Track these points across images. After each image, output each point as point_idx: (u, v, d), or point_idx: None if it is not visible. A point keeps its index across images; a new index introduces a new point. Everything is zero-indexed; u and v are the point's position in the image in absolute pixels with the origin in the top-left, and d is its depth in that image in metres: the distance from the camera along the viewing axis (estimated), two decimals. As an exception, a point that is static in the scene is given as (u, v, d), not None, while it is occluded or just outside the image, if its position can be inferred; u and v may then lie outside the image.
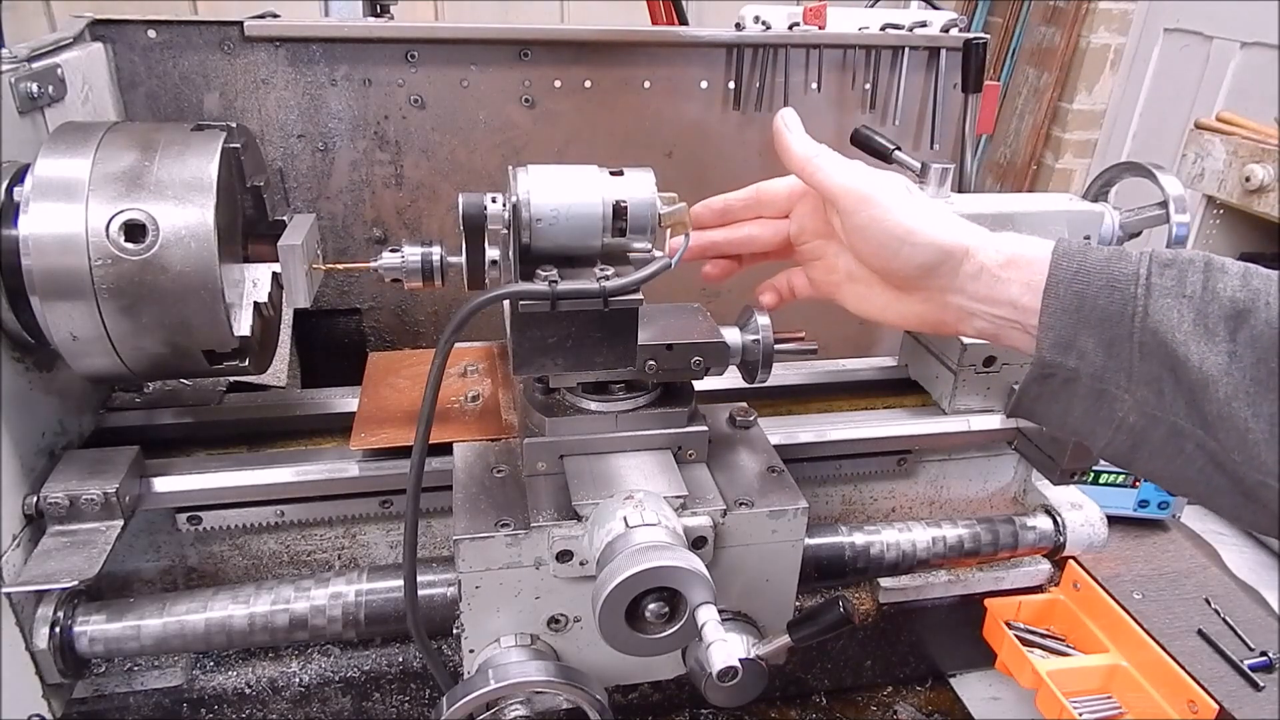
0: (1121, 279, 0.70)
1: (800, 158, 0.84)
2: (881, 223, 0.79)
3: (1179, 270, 0.69)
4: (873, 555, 1.17)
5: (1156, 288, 0.69)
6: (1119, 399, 0.71)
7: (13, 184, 0.88)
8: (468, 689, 0.85)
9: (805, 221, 0.92)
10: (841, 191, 0.81)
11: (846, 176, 0.81)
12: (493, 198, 0.87)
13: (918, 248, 0.78)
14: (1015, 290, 0.75)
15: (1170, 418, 0.69)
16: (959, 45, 1.75)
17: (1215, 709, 1.07)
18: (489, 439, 1.04)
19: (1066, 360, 0.72)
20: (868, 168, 0.82)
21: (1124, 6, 4.35)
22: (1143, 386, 0.69)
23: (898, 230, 0.78)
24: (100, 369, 0.91)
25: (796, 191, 0.92)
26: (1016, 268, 0.75)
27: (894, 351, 1.36)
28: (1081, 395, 0.73)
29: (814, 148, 0.84)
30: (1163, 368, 0.68)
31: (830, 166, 0.82)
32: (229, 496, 1.04)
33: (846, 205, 0.81)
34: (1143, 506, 1.44)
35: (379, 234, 1.62)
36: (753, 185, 0.95)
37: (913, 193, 0.81)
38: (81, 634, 0.97)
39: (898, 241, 0.79)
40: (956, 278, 0.78)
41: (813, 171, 0.83)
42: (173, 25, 1.40)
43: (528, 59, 1.55)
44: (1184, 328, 0.67)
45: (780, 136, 0.86)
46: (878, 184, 0.80)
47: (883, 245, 0.80)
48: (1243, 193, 2.25)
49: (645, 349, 0.92)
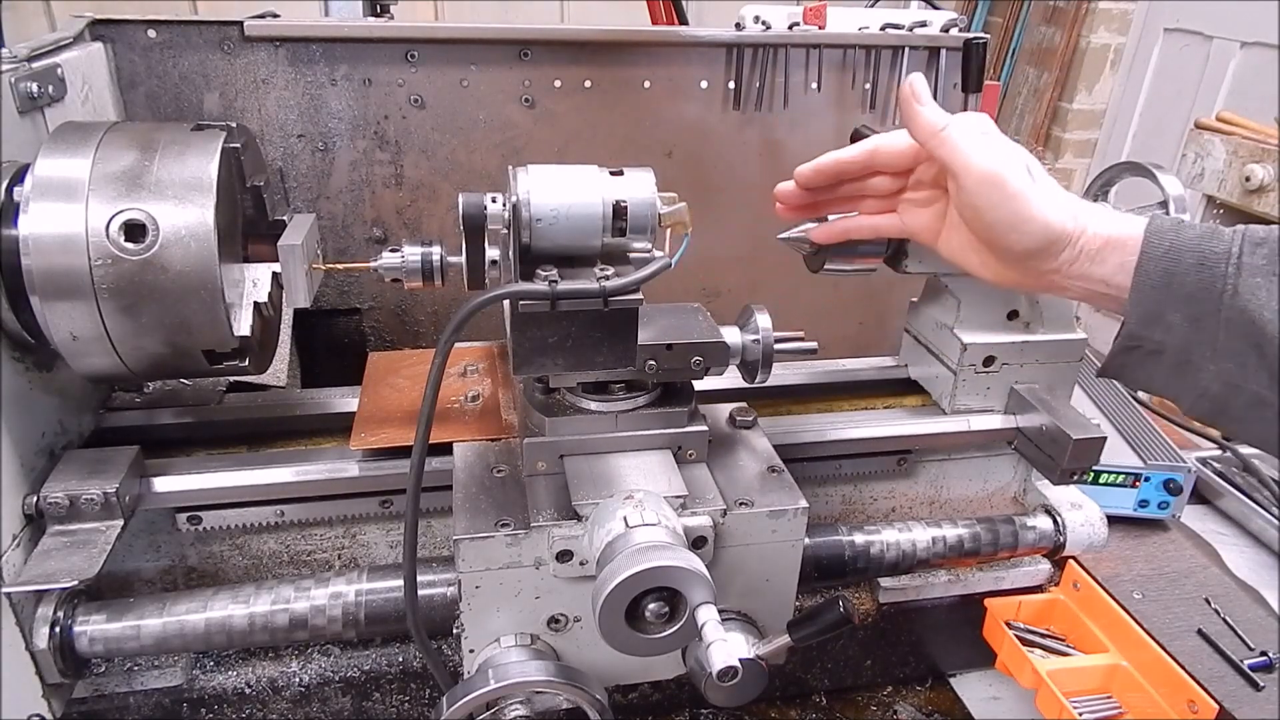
0: (1212, 257, 0.72)
1: (928, 128, 0.83)
2: (999, 208, 0.79)
3: (1270, 249, 0.71)
4: (873, 555, 1.17)
5: (1247, 266, 0.71)
6: (1203, 369, 0.73)
7: (13, 184, 0.88)
8: (468, 689, 0.85)
9: (924, 175, 0.91)
10: (966, 170, 0.80)
11: (974, 155, 0.80)
12: (493, 198, 0.87)
13: (1028, 235, 0.79)
14: (1109, 269, 0.77)
15: (1253, 388, 0.71)
16: (959, 45, 1.74)
17: (1215, 709, 1.07)
18: (489, 439, 1.04)
19: (1153, 333, 0.75)
20: (996, 143, 0.81)
21: (1124, 6, 4.35)
22: (1226, 359, 0.72)
23: (1012, 217, 0.79)
24: (100, 369, 0.91)
25: (922, 152, 0.89)
26: (1113, 249, 0.77)
27: (894, 351, 1.36)
28: (1166, 365, 0.76)
29: (942, 119, 0.83)
30: (1247, 342, 0.70)
31: (958, 141, 0.81)
32: (229, 496, 1.04)
33: (968, 184, 0.81)
34: (1143, 506, 1.44)
35: (379, 234, 1.62)
36: (868, 141, 0.93)
37: (1034, 174, 0.81)
38: (81, 634, 0.97)
39: (1009, 227, 0.79)
40: (1056, 260, 0.80)
41: (939, 144, 0.82)
42: (173, 25, 1.40)
43: (528, 59, 1.55)
44: (1272, 305, 0.69)
45: (907, 104, 0.84)
46: (1003, 166, 0.79)
47: (994, 226, 0.81)
48: (1243, 192, 2.25)
49: (645, 349, 0.92)
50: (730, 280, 1.78)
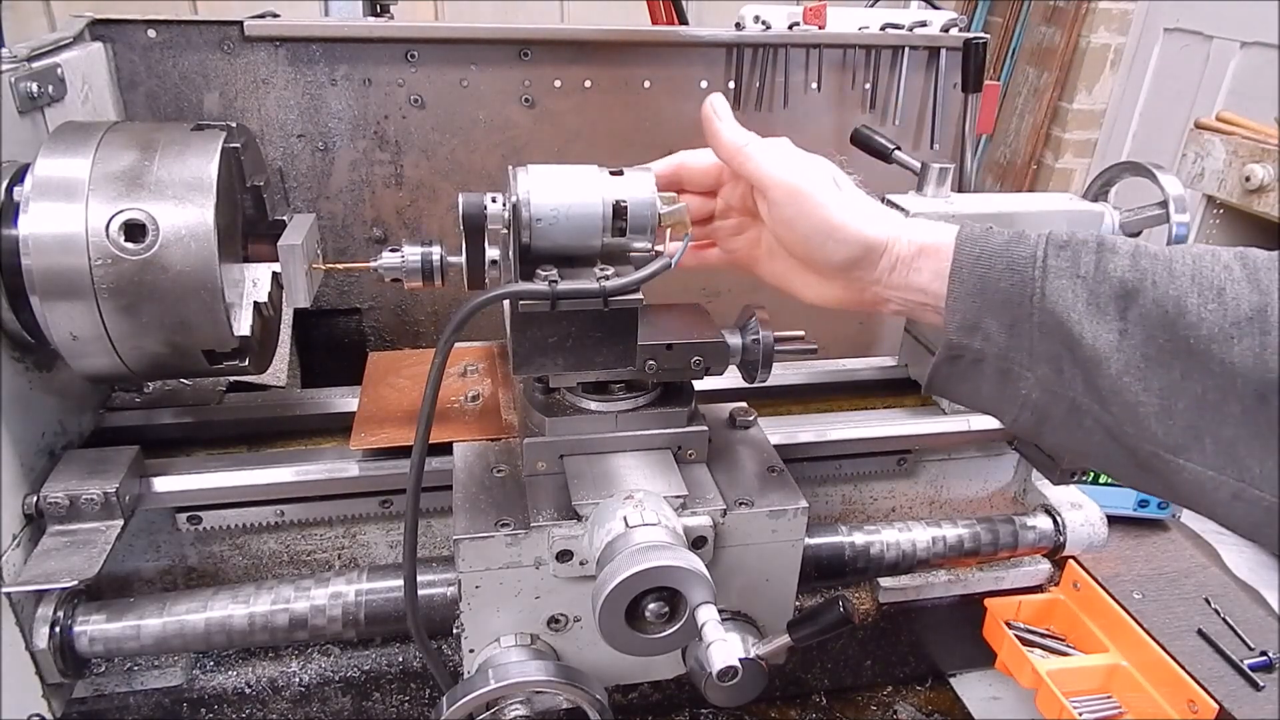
0: (1020, 261, 0.72)
1: (730, 146, 0.83)
2: (809, 217, 0.79)
3: (1073, 251, 0.71)
4: (873, 555, 1.17)
5: (1052, 269, 0.71)
6: (1022, 377, 0.73)
7: (13, 184, 0.88)
8: (468, 689, 0.85)
9: (731, 199, 0.91)
10: (772, 183, 0.80)
11: (777, 168, 0.80)
12: (493, 197, 0.87)
13: (842, 244, 0.79)
14: (926, 278, 0.77)
15: (1069, 394, 0.71)
16: (959, 45, 1.75)
17: (1215, 709, 1.07)
18: (489, 439, 1.04)
19: (973, 342, 0.75)
20: (797, 156, 0.81)
21: (1124, 6, 4.35)
22: (1043, 365, 0.72)
23: (824, 226, 0.79)
24: (100, 369, 0.91)
25: (726, 172, 0.90)
26: (926, 256, 0.77)
27: (894, 351, 1.36)
28: (989, 374, 0.76)
29: (743, 136, 0.83)
30: (1061, 346, 0.70)
31: (761, 157, 0.81)
32: (229, 496, 1.04)
33: (776, 197, 0.80)
34: (1143, 506, 1.44)
35: (379, 234, 1.62)
36: (674, 156, 0.93)
37: (841, 185, 0.81)
38: (81, 634, 0.97)
39: (823, 236, 0.79)
40: (875, 270, 0.79)
41: (743, 161, 0.82)
42: (173, 25, 1.40)
43: (528, 59, 1.55)
44: (1078, 307, 0.69)
45: (709, 124, 0.84)
46: (808, 177, 0.79)
47: (808, 238, 0.80)
48: (1243, 192, 2.25)
49: (645, 349, 0.92)
50: (730, 280, 1.78)
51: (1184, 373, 0.66)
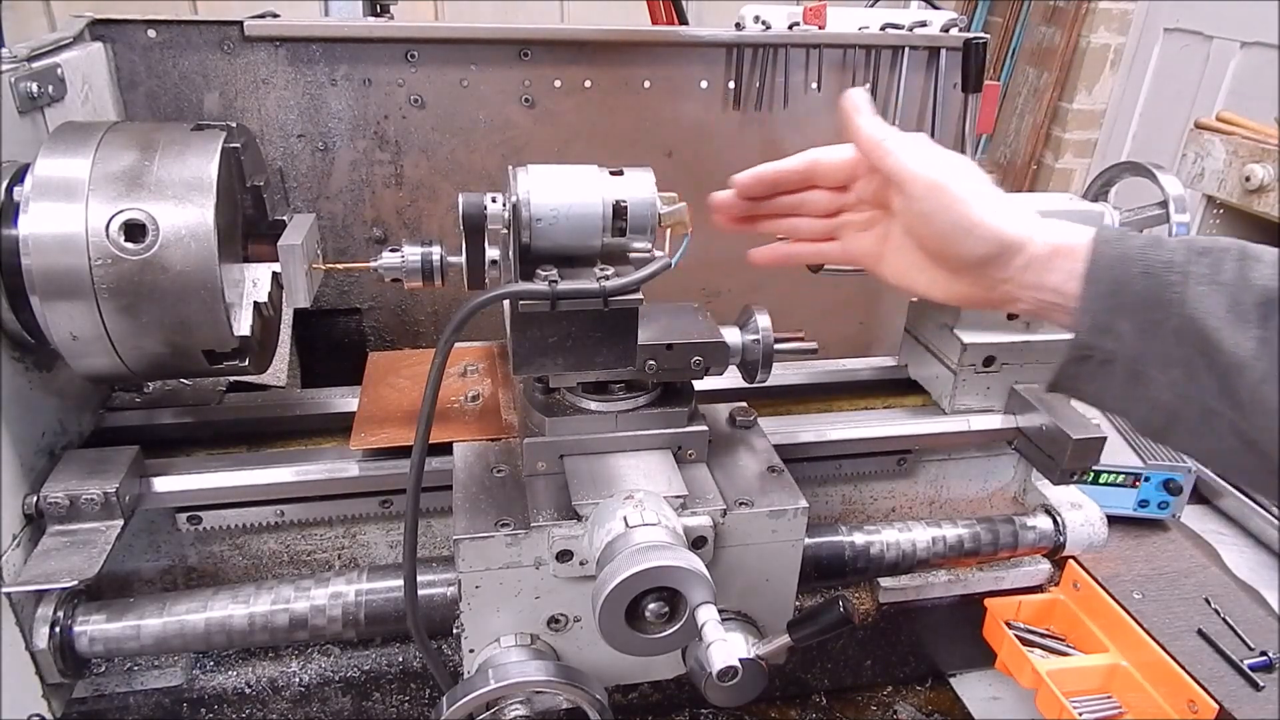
0: (1158, 265, 0.72)
1: (870, 140, 0.83)
2: (948, 212, 0.79)
3: (1214, 258, 0.71)
4: (873, 555, 1.17)
5: (1193, 275, 0.70)
6: (1154, 380, 0.73)
7: (13, 184, 0.88)
8: (468, 689, 0.85)
9: (864, 193, 0.90)
10: (912, 178, 0.80)
11: (918, 163, 0.80)
12: (493, 197, 0.87)
13: (979, 240, 0.78)
14: (1059, 278, 0.77)
15: (1203, 399, 0.71)
16: (959, 45, 1.74)
17: (1215, 709, 1.07)
18: (489, 439, 1.04)
19: (1104, 343, 0.74)
20: (938, 152, 0.81)
21: (1124, 6, 4.35)
22: (1177, 369, 0.71)
23: (964, 222, 0.78)
24: (100, 369, 0.91)
25: (862, 165, 0.88)
26: (1061, 257, 0.77)
27: (894, 351, 1.36)
28: (1117, 375, 0.75)
29: (883, 130, 0.83)
30: (1196, 352, 0.70)
31: (901, 151, 0.81)
32: (229, 496, 1.04)
33: (915, 191, 0.80)
34: (1143, 506, 1.44)
35: (379, 234, 1.62)
36: (808, 153, 0.92)
37: (980, 183, 0.81)
38: (81, 634, 0.97)
39: (962, 232, 0.79)
40: (1008, 268, 0.79)
41: (882, 155, 0.82)
42: (173, 25, 1.39)
43: (528, 59, 1.55)
44: (1218, 314, 0.69)
45: (848, 117, 0.84)
46: (949, 172, 0.79)
47: (945, 234, 0.80)
48: (1243, 192, 2.25)
49: (645, 349, 0.92)
50: (730, 280, 1.78)
51: None
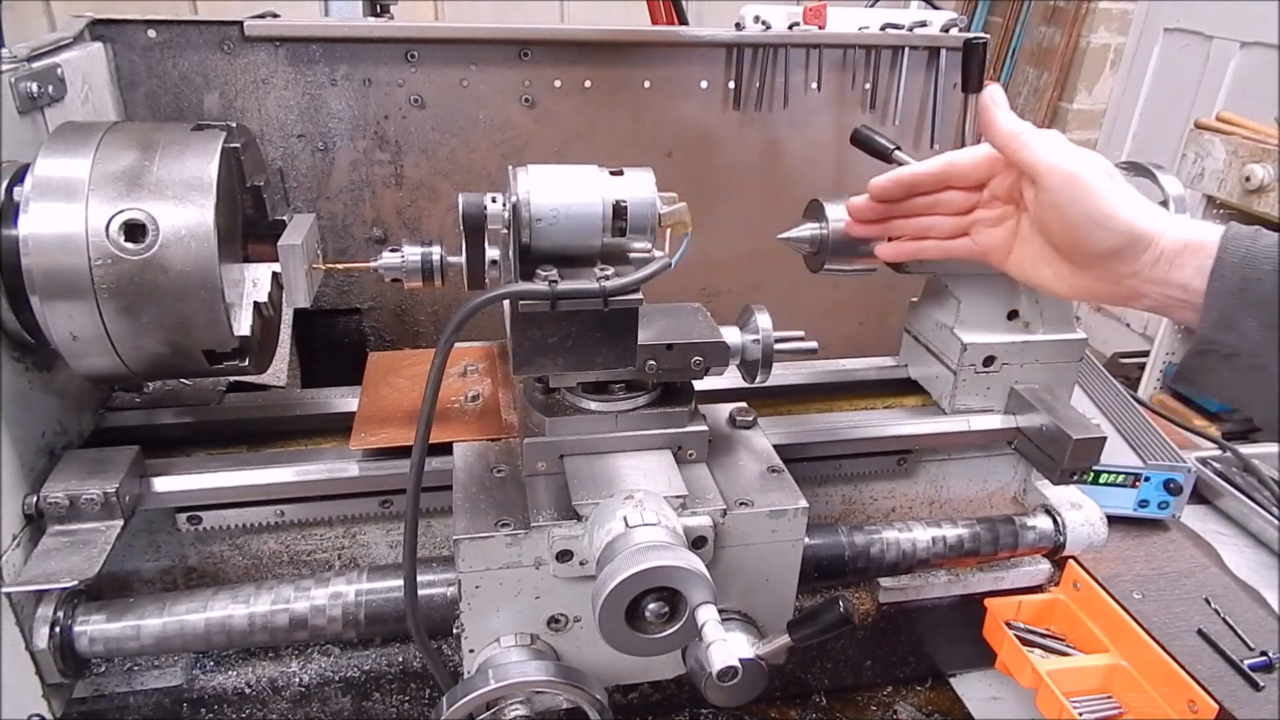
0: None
1: (1006, 133, 0.85)
2: (1083, 204, 0.80)
3: None
4: (873, 555, 1.17)
5: None
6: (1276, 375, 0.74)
7: (13, 184, 0.88)
8: (468, 689, 0.85)
9: (998, 190, 0.92)
10: (1047, 170, 0.82)
11: (1053, 155, 0.82)
12: (493, 197, 0.87)
13: (1111, 232, 0.80)
14: (1188, 274, 0.78)
15: None
16: (959, 45, 1.74)
17: (1215, 709, 1.07)
18: (489, 439, 1.04)
19: (1228, 338, 0.76)
20: (1072, 146, 0.83)
21: (1124, 6, 4.35)
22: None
23: (1097, 214, 0.80)
24: (100, 369, 0.91)
25: (999, 163, 0.91)
26: (1191, 253, 0.78)
27: (894, 351, 1.36)
28: (1240, 370, 0.77)
29: (1019, 124, 0.85)
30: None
31: (1036, 144, 0.83)
32: (229, 496, 1.04)
33: (1050, 183, 0.82)
34: (1143, 506, 1.44)
35: (379, 234, 1.62)
36: (943, 156, 0.95)
37: (1113, 177, 0.82)
38: (81, 634, 0.97)
39: (1094, 224, 0.80)
40: (1136, 262, 0.80)
41: (1019, 148, 0.84)
42: (173, 25, 1.40)
43: (528, 59, 1.55)
44: None
45: (986, 111, 0.86)
46: (1084, 165, 0.81)
47: (1077, 226, 0.81)
48: (1243, 192, 2.25)
49: (645, 349, 0.92)
50: (730, 280, 1.78)
51: None
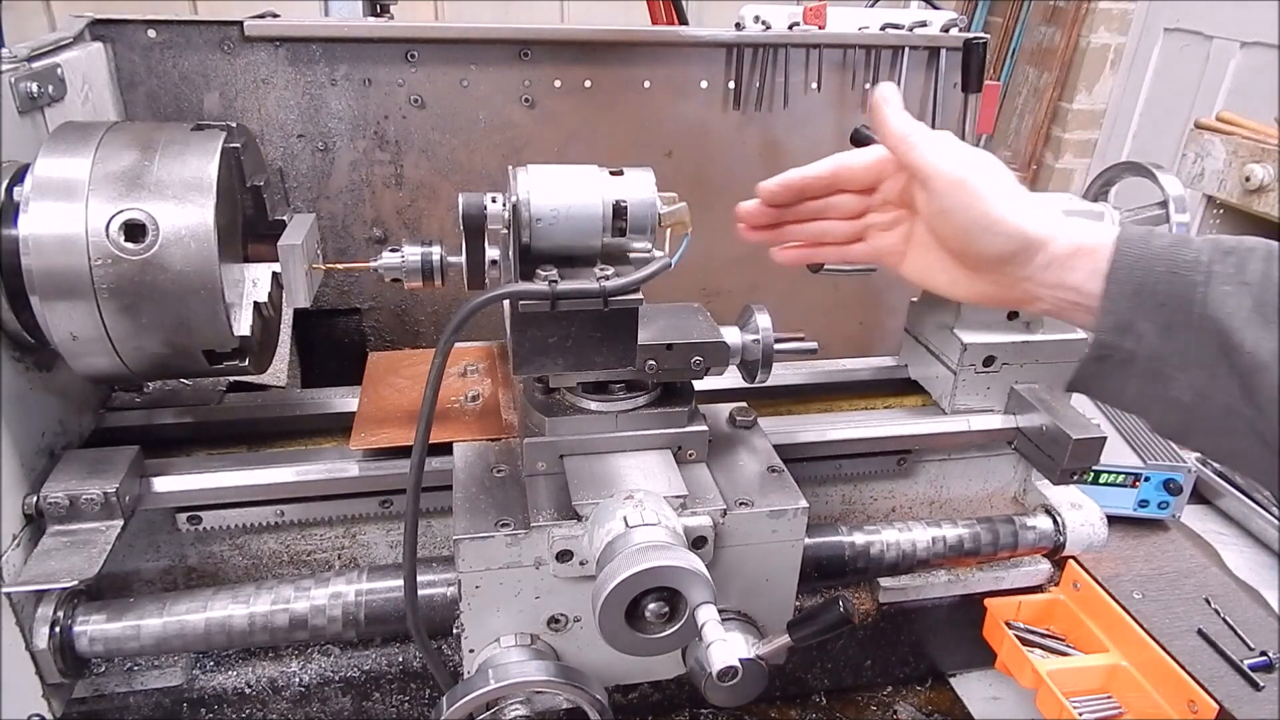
0: (1183, 265, 0.71)
1: (896, 134, 0.83)
2: (970, 209, 0.79)
3: (1239, 258, 0.70)
4: (873, 555, 1.17)
5: (1217, 274, 0.70)
6: (1173, 379, 0.73)
7: (13, 184, 0.88)
8: (468, 689, 0.85)
9: (890, 193, 0.90)
10: (936, 174, 0.80)
11: (942, 158, 0.80)
12: (493, 197, 0.87)
13: (1000, 237, 0.78)
14: (1081, 277, 0.77)
15: (1223, 399, 0.71)
16: (959, 45, 1.74)
17: (1215, 709, 1.07)
18: (489, 439, 1.04)
19: (1124, 342, 0.74)
20: (962, 148, 0.82)
21: (1124, 6, 4.35)
22: (1197, 369, 0.71)
23: (984, 219, 0.78)
24: (100, 369, 0.91)
25: (889, 166, 0.89)
26: (1084, 256, 0.77)
27: (894, 351, 1.36)
28: (1136, 375, 0.75)
29: (910, 124, 0.83)
30: (1218, 351, 0.70)
31: (926, 146, 0.81)
32: (229, 496, 1.04)
33: (939, 187, 0.80)
34: (1143, 506, 1.44)
35: (379, 234, 1.62)
36: (832, 158, 0.93)
37: (1004, 180, 0.81)
38: (81, 634, 0.97)
39: (982, 229, 0.79)
40: (1029, 266, 0.79)
41: (908, 149, 0.82)
42: (173, 25, 1.40)
43: (528, 59, 1.55)
44: (1241, 314, 0.69)
45: (878, 110, 0.84)
46: (973, 169, 0.80)
47: (966, 231, 0.80)
48: (1243, 192, 2.25)
49: (645, 349, 0.92)
50: (730, 280, 1.78)
51: None
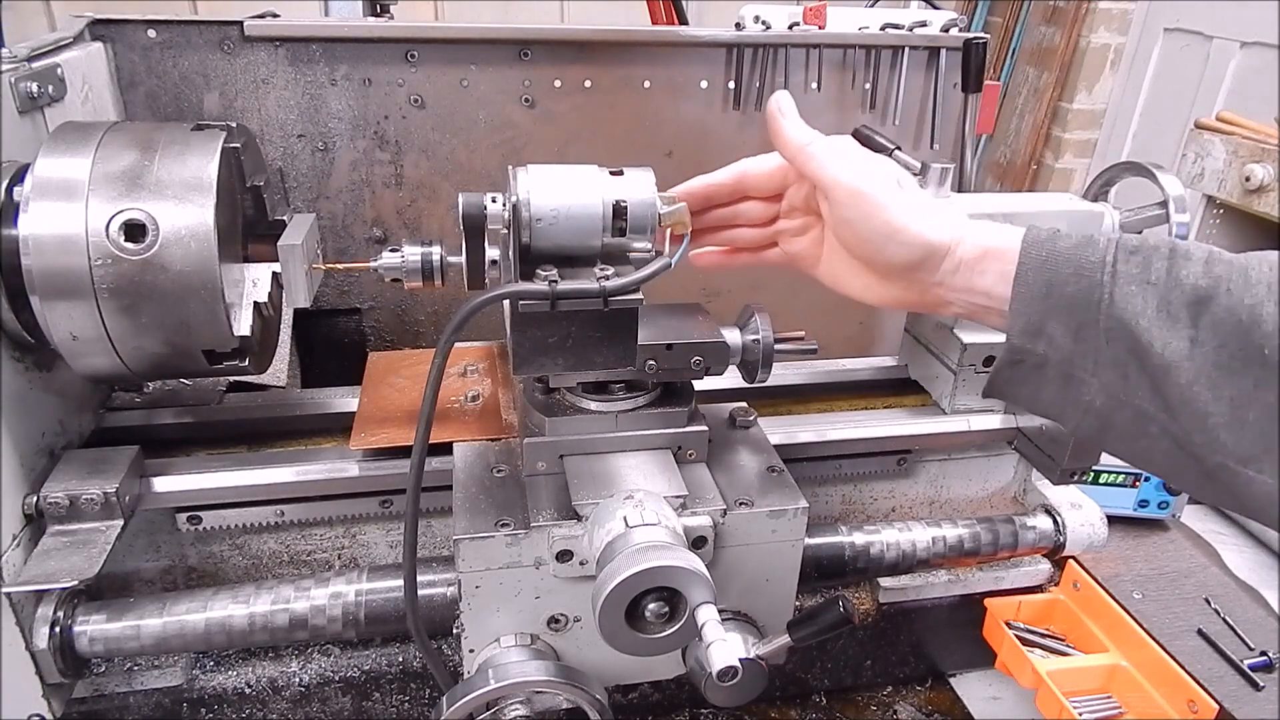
0: (1088, 266, 0.71)
1: (794, 145, 0.83)
2: (870, 219, 0.79)
3: (1144, 257, 0.70)
4: (873, 555, 1.17)
5: (1122, 274, 0.70)
6: (1086, 383, 0.72)
7: (13, 184, 0.88)
8: (468, 689, 0.85)
9: (795, 199, 0.90)
10: (834, 184, 0.80)
11: (840, 169, 0.80)
12: (493, 197, 0.87)
13: (903, 246, 0.78)
14: (990, 280, 0.76)
15: (1135, 401, 0.70)
16: (959, 45, 1.75)
17: (1215, 709, 1.07)
18: (489, 439, 1.04)
19: (1035, 346, 0.74)
20: (862, 157, 0.81)
21: (1124, 6, 4.35)
22: (1109, 371, 0.71)
23: (885, 228, 0.78)
24: (100, 369, 0.91)
25: (792, 173, 0.89)
26: (991, 259, 0.76)
27: (894, 351, 1.36)
28: (1050, 379, 0.75)
29: (807, 135, 0.83)
30: (1128, 353, 0.69)
31: (823, 157, 0.81)
32: (229, 496, 1.04)
33: (838, 198, 0.80)
34: (1143, 506, 1.44)
35: (379, 234, 1.62)
36: (735, 165, 0.93)
37: (904, 186, 0.80)
38: (81, 634, 0.97)
39: (883, 238, 0.79)
40: (936, 272, 0.79)
41: (805, 160, 0.82)
42: (173, 25, 1.40)
43: (528, 59, 1.55)
44: (1148, 314, 0.68)
45: (774, 121, 0.84)
46: (869, 178, 0.79)
47: (869, 240, 0.80)
48: (1243, 192, 2.25)
49: (645, 349, 0.92)
50: (730, 280, 1.78)
51: (1257, 382, 0.64)
